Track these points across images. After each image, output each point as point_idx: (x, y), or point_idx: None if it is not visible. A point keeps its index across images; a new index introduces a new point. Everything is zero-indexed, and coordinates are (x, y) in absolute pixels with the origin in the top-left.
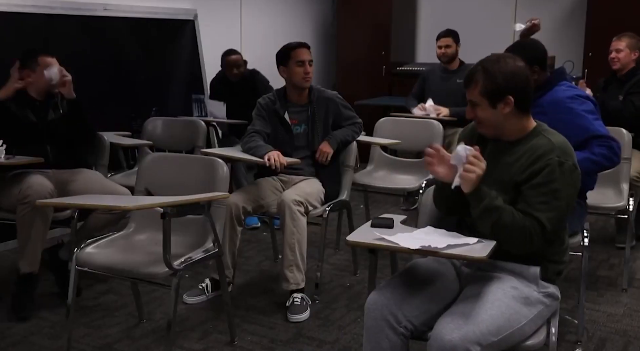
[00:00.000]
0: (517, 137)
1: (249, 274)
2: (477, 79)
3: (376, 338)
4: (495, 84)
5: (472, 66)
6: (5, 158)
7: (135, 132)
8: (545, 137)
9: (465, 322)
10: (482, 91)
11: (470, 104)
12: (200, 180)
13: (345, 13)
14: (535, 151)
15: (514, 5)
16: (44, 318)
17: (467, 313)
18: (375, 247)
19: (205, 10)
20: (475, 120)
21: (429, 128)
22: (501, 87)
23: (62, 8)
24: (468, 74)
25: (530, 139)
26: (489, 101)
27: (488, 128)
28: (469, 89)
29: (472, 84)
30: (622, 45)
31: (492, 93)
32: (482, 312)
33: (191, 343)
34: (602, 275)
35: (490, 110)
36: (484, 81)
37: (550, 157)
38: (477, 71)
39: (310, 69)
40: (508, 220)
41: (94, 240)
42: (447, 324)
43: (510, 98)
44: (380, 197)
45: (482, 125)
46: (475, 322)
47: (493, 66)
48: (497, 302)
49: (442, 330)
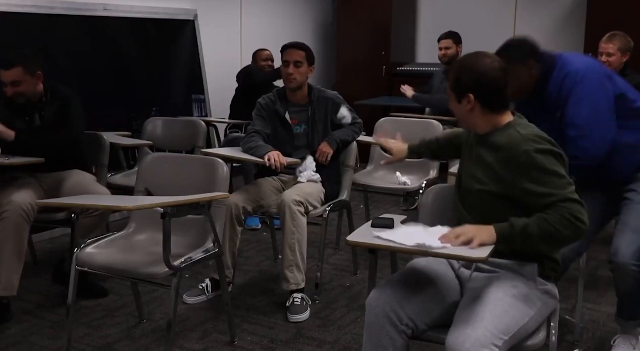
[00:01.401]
0: (486, 131)
1: (249, 274)
2: (451, 73)
3: (377, 335)
4: (459, 80)
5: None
6: (3, 159)
7: (135, 132)
8: (515, 130)
9: (473, 329)
10: (450, 85)
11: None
12: (200, 180)
13: (345, 13)
14: (507, 146)
15: (514, 5)
16: (44, 318)
17: (472, 319)
18: (375, 247)
19: (205, 10)
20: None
21: (429, 128)
22: (463, 84)
23: (62, 8)
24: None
25: (499, 133)
26: (455, 95)
27: (459, 121)
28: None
29: (448, 77)
30: (613, 49)
31: (455, 88)
32: (487, 314)
33: (191, 343)
34: (602, 275)
35: (456, 104)
36: (452, 76)
37: (526, 149)
38: (455, 65)
39: (293, 69)
40: (544, 225)
41: (94, 240)
42: (457, 338)
43: (471, 96)
44: (380, 197)
45: (459, 121)
46: (482, 326)
47: (466, 63)
48: (499, 302)
49: (454, 345)
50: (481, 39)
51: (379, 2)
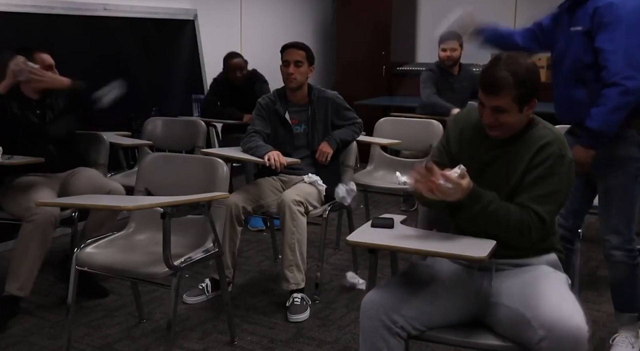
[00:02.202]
0: (517, 130)
1: (249, 274)
2: (508, 86)
3: (372, 339)
4: (526, 88)
5: (472, 68)
6: (4, 158)
7: (135, 132)
8: (546, 127)
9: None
10: (514, 98)
11: (493, 110)
12: (200, 180)
13: (345, 13)
14: (537, 141)
15: (514, 5)
16: (44, 318)
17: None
18: (375, 247)
19: (205, 10)
20: (491, 124)
21: (429, 128)
22: (530, 91)
23: (62, 8)
24: (493, 79)
25: (530, 129)
26: (519, 106)
27: (506, 131)
28: (496, 96)
29: (502, 90)
30: None
31: (523, 98)
32: (547, 295)
33: (191, 343)
34: (602, 275)
35: (518, 115)
36: (516, 88)
37: (552, 149)
38: (504, 77)
39: (293, 69)
40: (504, 215)
41: (93, 240)
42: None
43: (535, 100)
44: (380, 197)
45: (500, 129)
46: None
47: (518, 69)
48: (559, 288)
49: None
50: None
51: (379, 2)
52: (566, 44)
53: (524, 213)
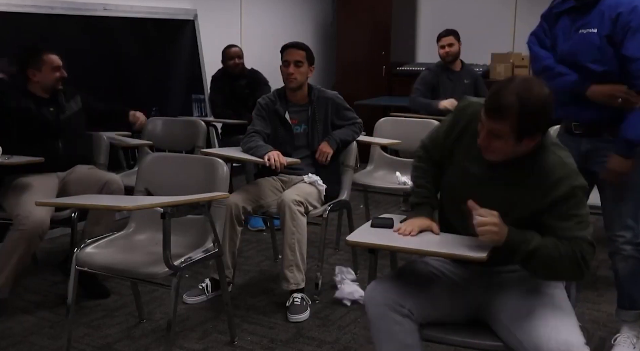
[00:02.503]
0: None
1: (249, 274)
2: (512, 114)
3: (384, 325)
4: (531, 122)
5: (474, 69)
6: (4, 158)
7: (135, 132)
8: (554, 153)
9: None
10: (514, 128)
11: (489, 133)
12: (200, 180)
13: (345, 13)
14: (550, 173)
15: (514, 5)
16: (44, 318)
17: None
18: (375, 247)
19: (205, 10)
20: (484, 146)
21: (428, 128)
22: (536, 125)
23: (62, 8)
24: (497, 103)
25: (539, 155)
26: (516, 137)
27: (498, 156)
28: (496, 120)
29: (503, 116)
30: None
31: (524, 131)
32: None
33: (191, 343)
34: (602, 275)
35: (513, 144)
36: (519, 117)
37: (573, 185)
38: (510, 104)
39: (293, 69)
40: (555, 254)
41: (93, 240)
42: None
43: (540, 135)
44: (380, 197)
45: (493, 154)
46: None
47: (529, 98)
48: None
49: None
50: (481, 39)
51: (379, 2)
52: (572, 44)
53: (571, 244)
